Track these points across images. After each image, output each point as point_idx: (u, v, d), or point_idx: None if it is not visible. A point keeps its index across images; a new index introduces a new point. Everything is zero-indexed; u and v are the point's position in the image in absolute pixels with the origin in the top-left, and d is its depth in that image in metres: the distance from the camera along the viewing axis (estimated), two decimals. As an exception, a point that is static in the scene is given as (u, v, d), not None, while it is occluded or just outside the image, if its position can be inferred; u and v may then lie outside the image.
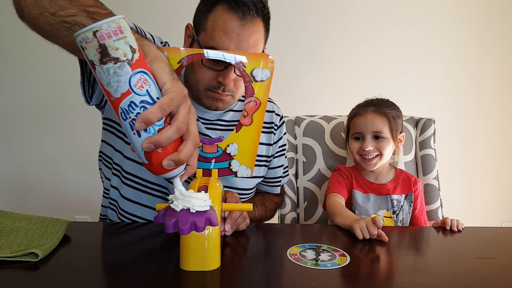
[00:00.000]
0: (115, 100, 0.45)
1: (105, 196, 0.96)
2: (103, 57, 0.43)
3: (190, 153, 0.49)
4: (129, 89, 0.44)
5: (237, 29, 0.77)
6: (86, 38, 0.42)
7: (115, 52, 0.43)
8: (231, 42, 0.77)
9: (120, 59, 0.43)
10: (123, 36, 0.43)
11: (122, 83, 0.44)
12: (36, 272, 0.58)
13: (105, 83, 0.44)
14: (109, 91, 0.45)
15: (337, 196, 1.07)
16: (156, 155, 0.47)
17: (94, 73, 0.45)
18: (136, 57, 0.45)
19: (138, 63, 0.45)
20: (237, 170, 0.74)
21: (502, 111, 2.12)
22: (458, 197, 2.11)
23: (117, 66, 0.43)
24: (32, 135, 2.07)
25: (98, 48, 0.42)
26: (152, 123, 0.45)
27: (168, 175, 0.50)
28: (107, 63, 0.43)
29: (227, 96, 0.85)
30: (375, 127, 1.07)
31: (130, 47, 0.44)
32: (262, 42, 0.83)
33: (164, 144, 0.46)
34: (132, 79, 0.44)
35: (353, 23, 2.04)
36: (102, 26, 0.42)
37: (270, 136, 1.01)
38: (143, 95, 0.45)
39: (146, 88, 0.46)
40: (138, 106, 0.45)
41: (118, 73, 0.44)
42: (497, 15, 2.05)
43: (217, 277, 0.59)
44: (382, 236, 0.76)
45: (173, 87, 0.48)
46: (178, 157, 0.48)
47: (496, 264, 0.66)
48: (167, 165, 0.48)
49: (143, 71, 0.46)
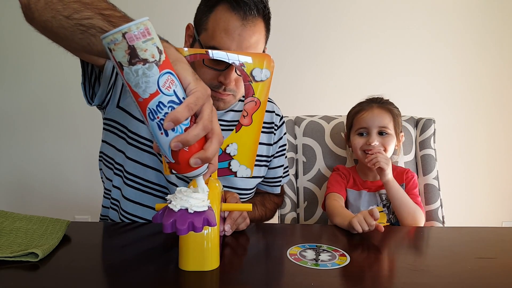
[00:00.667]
0: (143, 100, 0.46)
1: (106, 197, 0.96)
2: (132, 59, 0.43)
3: (215, 151, 0.50)
4: (157, 89, 0.45)
5: (238, 29, 0.77)
6: (115, 40, 0.43)
7: (143, 54, 0.43)
8: (233, 42, 0.77)
9: (148, 60, 0.44)
10: (151, 38, 0.44)
11: (150, 83, 0.45)
12: (36, 272, 0.58)
13: (133, 84, 0.45)
14: (138, 92, 0.45)
15: (336, 196, 1.07)
16: (183, 154, 0.48)
17: (121, 74, 0.45)
18: (163, 58, 0.46)
19: (165, 64, 0.46)
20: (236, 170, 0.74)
21: (502, 111, 2.12)
22: (458, 197, 2.11)
23: (145, 67, 0.44)
24: (32, 135, 2.07)
25: (127, 49, 0.43)
26: (180, 122, 0.46)
27: (193, 174, 0.51)
28: (136, 64, 0.44)
29: (228, 96, 0.85)
30: (381, 122, 1.07)
31: (157, 48, 0.45)
32: (263, 42, 0.83)
33: (192, 142, 0.47)
34: (160, 79, 0.45)
35: (353, 23, 2.04)
36: (131, 27, 0.42)
37: (270, 136, 1.01)
38: (170, 95, 0.46)
39: (173, 89, 0.46)
40: (166, 106, 0.46)
41: (147, 74, 0.44)
42: (497, 15, 2.05)
43: (216, 277, 0.59)
44: (378, 227, 0.79)
45: (198, 86, 0.49)
46: (205, 155, 0.49)
47: (496, 264, 0.66)
48: (194, 163, 0.49)
49: (170, 72, 0.47)
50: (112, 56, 0.44)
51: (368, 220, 0.78)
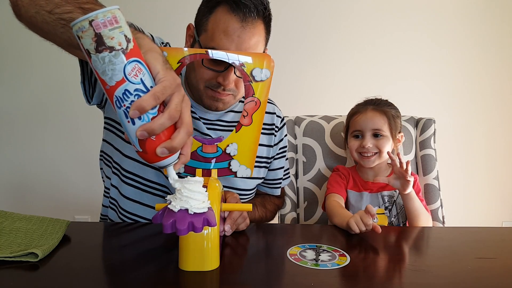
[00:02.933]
0: (110, 88, 0.46)
1: (106, 196, 0.96)
2: (99, 46, 0.44)
3: (183, 141, 0.50)
4: (123, 77, 0.46)
5: (237, 30, 0.77)
6: (82, 27, 0.43)
7: (110, 41, 0.44)
8: (232, 44, 0.77)
9: (115, 48, 0.44)
10: (118, 26, 0.44)
11: (116, 71, 0.45)
12: (36, 272, 0.58)
13: (100, 71, 0.45)
14: (104, 80, 0.46)
15: (336, 197, 1.07)
16: (150, 143, 0.48)
17: (89, 62, 0.46)
18: (131, 46, 0.46)
19: (132, 52, 0.46)
20: (236, 170, 0.74)
21: (502, 111, 2.12)
22: (458, 197, 2.11)
23: (112, 54, 0.44)
24: (32, 135, 2.07)
25: (93, 37, 0.43)
26: (146, 110, 0.46)
27: (162, 163, 0.51)
28: (103, 51, 0.44)
29: (227, 96, 0.85)
30: (375, 125, 1.07)
31: (125, 37, 0.45)
32: (263, 44, 0.83)
33: (157, 131, 0.47)
34: (127, 67, 0.46)
35: (353, 24, 2.04)
36: (98, 15, 0.43)
37: (271, 138, 1.01)
38: (137, 83, 0.46)
39: (140, 77, 0.47)
40: (132, 94, 0.46)
41: (113, 62, 0.45)
42: (496, 16, 2.05)
43: (216, 277, 0.59)
44: (376, 228, 0.78)
45: (166, 76, 0.49)
46: (171, 145, 0.49)
47: (496, 264, 0.66)
48: (160, 153, 0.48)
49: (137, 60, 0.47)
50: (80, 44, 0.45)
51: (364, 220, 0.78)
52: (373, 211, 0.78)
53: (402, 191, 0.99)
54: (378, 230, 0.78)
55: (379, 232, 0.78)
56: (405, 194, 0.99)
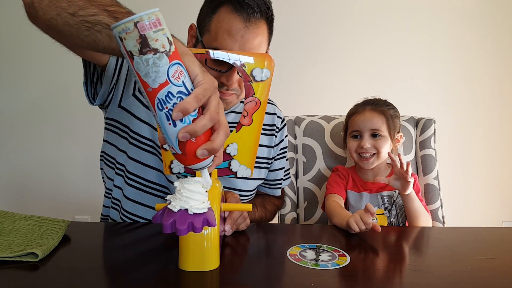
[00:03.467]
0: (153, 90, 0.46)
1: (107, 196, 0.96)
2: (143, 48, 0.44)
3: (222, 142, 0.51)
4: (167, 79, 0.46)
5: (241, 30, 0.77)
6: (126, 28, 0.43)
7: (154, 43, 0.44)
8: (235, 44, 0.77)
9: (159, 50, 0.44)
10: (162, 28, 0.45)
11: (160, 73, 0.45)
12: (36, 272, 0.58)
13: (143, 73, 0.45)
14: (147, 82, 0.46)
15: (336, 197, 1.07)
16: (190, 145, 0.49)
17: (131, 64, 0.45)
18: (173, 49, 0.46)
19: (174, 55, 0.46)
20: (237, 170, 0.74)
21: (502, 111, 2.11)
22: (458, 197, 2.10)
23: (156, 56, 0.44)
24: (32, 135, 2.07)
25: (138, 38, 0.43)
26: (189, 112, 0.46)
27: (199, 166, 0.51)
28: (147, 53, 0.44)
29: (231, 96, 0.85)
30: (373, 125, 1.07)
31: (168, 39, 0.45)
32: (266, 44, 0.83)
33: (199, 133, 0.48)
34: (170, 70, 0.46)
35: (353, 24, 2.04)
36: (143, 17, 0.43)
37: (271, 138, 1.01)
38: (180, 85, 0.47)
39: (182, 79, 0.47)
40: (175, 97, 0.46)
41: (157, 64, 0.45)
42: (496, 16, 2.05)
43: (216, 277, 0.59)
44: (375, 227, 0.78)
45: (206, 78, 0.49)
46: (212, 146, 0.49)
47: (496, 264, 0.66)
48: (201, 154, 0.49)
49: (179, 63, 0.47)
50: (122, 46, 0.45)
51: (364, 219, 0.78)
52: (373, 209, 0.78)
53: (402, 192, 0.99)
54: (378, 229, 0.78)
55: (378, 231, 0.78)
56: (405, 194, 0.99)
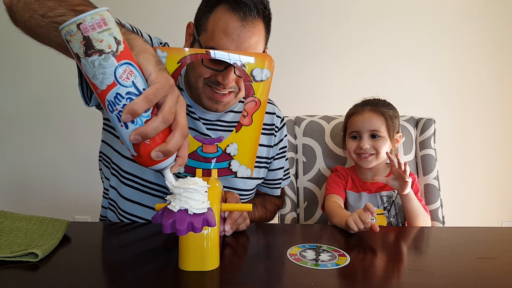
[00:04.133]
0: (101, 92, 0.45)
1: (105, 197, 0.96)
2: (88, 50, 0.43)
3: (178, 144, 0.49)
4: (114, 80, 0.44)
5: (237, 29, 0.76)
6: (70, 31, 0.42)
7: (99, 44, 0.43)
8: (232, 43, 0.77)
9: (104, 51, 0.43)
10: (107, 28, 0.43)
11: (107, 75, 0.44)
12: (36, 272, 0.58)
13: (91, 75, 0.44)
14: (95, 84, 0.45)
15: (335, 197, 1.07)
16: (144, 147, 0.47)
17: (80, 66, 0.45)
18: (121, 48, 0.45)
19: (123, 54, 0.45)
20: (237, 170, 0.74)
21: (502, 111, 2.11)
22: (458, 197, 2.10)
23: (102, 58, 0.43)
24: (31, 135, 2.07)
25: (82, 40, 0.42)
26: (138, 114, 0.45)
27: (158, 167, 0.50)
28: (92, 55, 0.43)
29: (227, 96, 0.85)
30: (372, 126, 1.07)
31: (115, 39, 0.44)
32: (263, 43, 0.83)
33: (151, 135, 0.46)
34: (118, 70, 0.44)
35: (353, 24, 2.04)
36: (85, 18, 0.42)
37: (270, 138, 1.01)
38: (129, 86, 0.45)
39: (131, 80, 0.45)
40: (124, 98, 0.45)
41: (103, 65, 0.43)
42: (496, 16, 2.05)
43: (216, 277, 0.59)
44: (374, 227, 0.77)
45: (159, 77, 0.48)
46: (166, 148, 0.48)
47: (496, 264, 0.66)
48: (155, 156, 0.47)
49: (129, 63, 0.46)
50: (69, 48, 0.44)
51: (362, 218, 0.78)
52: (372, 208, 0.78)
53: (400, 192, 0.99)
54: (376, 229, 0.78)
55: (377, 231, 0.78)
56: (403, 194, 0.99)
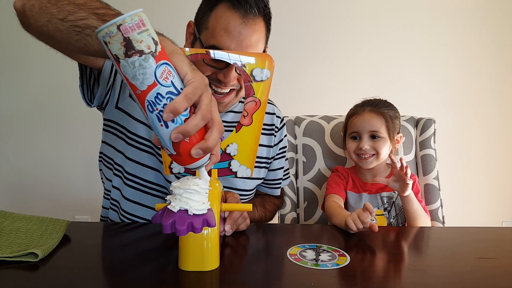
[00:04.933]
0: (141, 93, 0.46)
1: (106, 197, 0.96)
2: (128, 50, 0.43)
3: (216, 140, 0.50)
4: (155, 81, 0.45)
5: (238, 27, 0.77)
6: (110, 32, 0.42)
7: (139, 45, 0.43)
8: (232, 41, 0.77)
9: (144, 52, 0.44)
10: (146, 29, 0.44)
11: (148, 75, 0.45)
12: (36, 272, 0.58)
13: (131, 76, 0.45)
14: (135, 84, 0.45)
15: (335, 197, 1.07)
16: (184, 145, 0.48)
17: (118, 68, 0.45)
18: (159, 49, 0.45)
19: (161, 55, 0.46)
20: (237, 170, 0.74)
21: (502, 111, 2.11)
22: (458, 197, 2.10)
23: (142, 58, 0.44)
24: (31, 136, 2.07)
25: (122, 41, 0.43)
26: (179, 112, 0.46)
27: (195, 165, 0.51)
28: (132, 56, 0.43)
29: (228, 96, 0.85)
30: (372, 127, 1.07)
31: (153, 40, 0.45)
32: (264, 41, 0.83)
33: (192, 133, 0.47)
34: (157, 70, 0.45)
35: (353, 24, 2.04)
36: (125, 19, 0.42)
37: (270, 138, 1.01)
38: (168, 86, 0.46)
39: (170, 79, 0.46)
40: (165, 97, 0.46)
41: (144, 66, 0.44)
42: (496, 15, 2.04)
43: (216, 277, 0.58)
44: (373, 227, 0.77)
45: (195, 76, 0.49)
46: (206, 145, 0.49)
47: (496, 264, 0.66)
48: (195, 154, 0.48)
49: (167, 63, 0.46)
50: (108, 50, 0.44)
51: (361, 218, 0.78)
52: (371, 208, 0.78)
53: (401, 193, 0.99)
54: (375, 229, 0.77)
55: (375, 230, 0.77)
56: (404, 196, 0.99)
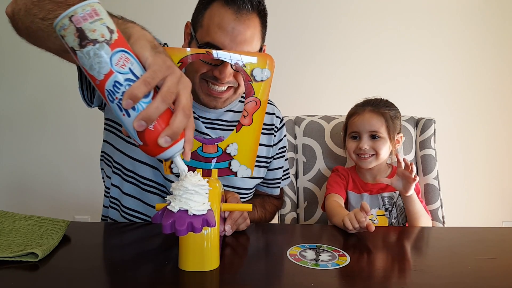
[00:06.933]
0: (100, 82, 0.45)
1: (106, 195, 0.96)
2: (82, 41, 0.43)
3: (182, 123, 0.47)
4: (111, 68, 0.44)
5: (232, 23, 0.77)
6: (63, 25, 0.43)
7: (92, 34, 0.43)
8: (226, 37, 0.77)
9: (98, 40, 0.43)
10: (99, 18, 0.44)
11: (103, 63, 0.44)
12: (36, 272, 0.58)
13: (88, 67, 0.45)
14: (93, 75, 0.45)
15: (336, 197, 1.07)
16: (149, 134, 0.46)
17: (76, 60, 0.45)
18: (115, 37, 0.45)
19: (117, 42, 0.45)
20: (237, 170, 0.74)
21: (503, 111, 2.11)
22: (458, 197, 2.10)
23: (96, 47, 0.44)
24: (31, 136, 2.07)
25: (75, 32, 0.43)
26: (138, 98, 0.45)
27: (167, 154, 0.49)
28: (86, 45, 0.43)
29: (226, 92, 0.85)
30: (372, 127, 1.07)
31: (107, 28, 0.44)
32: (259, 38, 0.83)
33: (153, 117, 0.45)
34: (113, 58, 0.44)
35: (353, 23, 2.04)
36: (76, 10, 0.42)
37: (270, 138, 1.01)
38: (126, 73, 0.45)
39: (128, 66, 0.46)
40: (123, 85, 0.45)
41: (98, 54, 0.44)
42: (497, 15, 2.04)
43: (216, 277, 0.59)
44: (369, 226, 0.77)
45: (155, 60, 0.48)
46: (170, 130, 0.46)
47: (496, 264, 0.66)
48: (164, 142, 0.46)
49: (123, 50, 0.46)
50: (65, 44, 0.44)
51: (357, 216, 0.78)
52: (368, 207, 0.78)
53: (403, 193, 0.99)
54: (371, 229, 0.77)
55: (371, 230, 0.77)
56: (406, 196, 0.99)
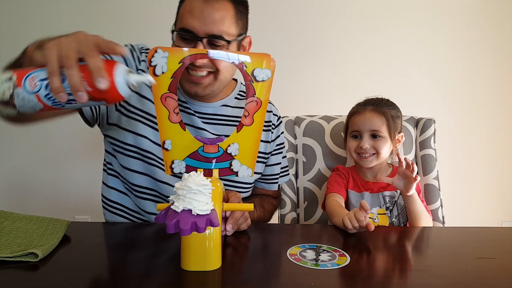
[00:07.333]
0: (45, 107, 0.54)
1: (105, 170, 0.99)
2: (6, 104, 0.53)
3: (96, 62, 0.51)
4: (35, 95, 0.53)
5: (201, 6, 0.80)
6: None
7: (3, 95, 0.53)
8: (196, 19, 0.80)
9: (7, 95, 0.52)
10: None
11: (29, 100, 0.53)
12: (36, 272, 0.58)
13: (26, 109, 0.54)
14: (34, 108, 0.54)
15: (336, 196, 1.07)
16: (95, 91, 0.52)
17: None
18: (15, 78, 0.53)
19: (19, 78, 0.53)
20: (238, 170, 0.74)
21: (503, 111, 2.11)
22: (458, 197, 2.11)
23: (16, 96, 0.53)
24: (31, 135, 2.07)
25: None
26: (60, 87, 0.51)
27: (121, 84, 0.53)
28: (8, 104, 0.53)
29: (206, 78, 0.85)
30: (373, 126, 1.07)
31: (7, 80, 0.53)
32: (233, 23, 0.84)
33: (77, 83, 0.51)
34: (27, 88, 0.52)
35: (353, 23, 2.04)
36: None
37: (267, 134, 1.03)
38: (40, 86, 0.53)
39: (37, 80, 0.53)
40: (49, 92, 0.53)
41: (21, 97, 0.53)
42: (498, 15, 2.04)
43: (218, 277, 0.59)
44: (368, 226, 0.77)
45: (40, 55, 0.55)
46: (95, 72, 0.51)
47: (496, 264, 0.66)
48: (101, 84, 0.51)
49: (26, 76, 0.53)
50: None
51: (357, 216, 0.78)
52: (367, 206, 0.78)
53: (405, 192, 0.99)
54: (370, 228, 0.77)
55: (371, 230, 0.77)
56: (407, 195, 0.99)
